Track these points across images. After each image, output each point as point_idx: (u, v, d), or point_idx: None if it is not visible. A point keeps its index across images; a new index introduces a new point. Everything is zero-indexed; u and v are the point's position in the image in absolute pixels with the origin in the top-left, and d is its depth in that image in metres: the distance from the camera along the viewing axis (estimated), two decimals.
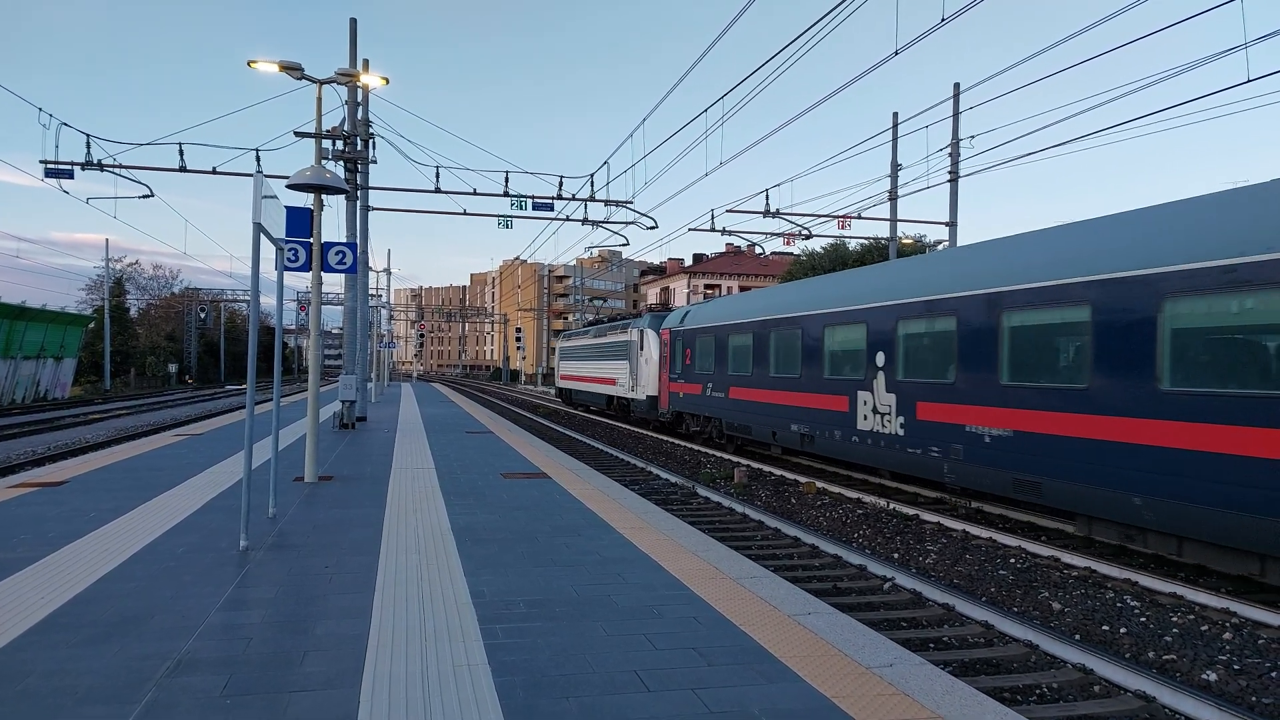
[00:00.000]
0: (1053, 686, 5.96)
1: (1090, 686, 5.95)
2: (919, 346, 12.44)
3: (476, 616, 5.10)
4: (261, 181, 6.40)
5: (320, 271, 9.81)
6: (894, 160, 26.83)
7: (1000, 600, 8.29)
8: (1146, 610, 7.66)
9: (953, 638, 7.07)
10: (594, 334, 35.43)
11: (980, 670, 6.32)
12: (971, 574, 9.14)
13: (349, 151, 16.47)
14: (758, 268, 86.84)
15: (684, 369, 22.97)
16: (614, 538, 7.53)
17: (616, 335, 31.06)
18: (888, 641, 4.81)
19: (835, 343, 14.88)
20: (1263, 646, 6.67)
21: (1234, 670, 6.25)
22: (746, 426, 18.79)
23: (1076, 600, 8.03)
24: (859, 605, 7.89)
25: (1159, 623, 7.31)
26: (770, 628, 4.96)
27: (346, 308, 18.44)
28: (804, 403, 15.80)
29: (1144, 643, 6.93)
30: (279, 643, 4.61)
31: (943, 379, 11.81)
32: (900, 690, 4.00)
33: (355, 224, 17.46)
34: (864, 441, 13.72)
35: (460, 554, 6.78)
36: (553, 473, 11.98)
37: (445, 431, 18.91)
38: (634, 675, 4.16)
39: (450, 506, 9.00)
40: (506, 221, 22.37)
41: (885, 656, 4.51)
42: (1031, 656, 6.54)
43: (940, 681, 4.13)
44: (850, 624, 5.12)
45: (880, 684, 4.09)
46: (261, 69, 12.24)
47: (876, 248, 38.41)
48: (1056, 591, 8.34)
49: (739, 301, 20.95)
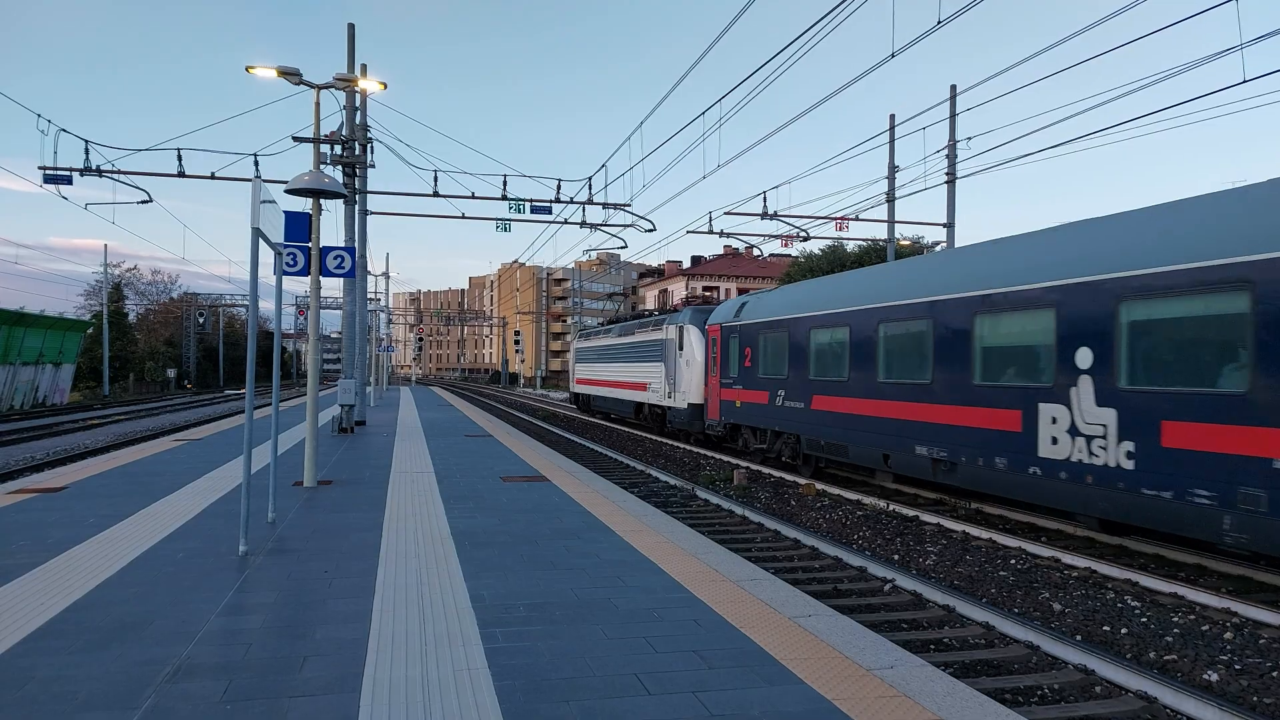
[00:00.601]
0: (1054, 687, 5.96)
1: (1092, 687, 5.94)
2: (1170, 339, 8.76)
3: (476, 620, 5.09)
4: (260, 187, 6.40)
5: (319, 276, 9.81)
6: (891, 162, 26.88)
7: (1001, 601, 8.29)
8: (1147, 610, 7.66)
9: (954, 639, 7.07)
10: (619, 332, 30.63)
11: (981, 671, 6.32)
12: (972, 575, 9.14)
13: (347, 156, 16.49)
14: (756, 270, 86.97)
15: (742, 372, 19.06)
16: (613, 540, 7.52)
17: (649, 333, 26.63)
18: (888, 643, 4.80)
19: (996, 335, 11.33)
20: (1264, 646, 6.66)
21: (1235, 670, 6.24)
22: (839, 446, 14.91)
23: (1077, 601, 8.02)
24: (859, 607, 7.88)
25: (1160, 623, 7.31)
26: (771, 630, 4.96)
27: (345, 312, 18.44)
28: (938, 417, 12.25)
29: (1145, 643, 6.92)
30: (279, 648, 4.60)
31: (1222, 387, 8.07)
32: (901, 692, 4.00)
33: (354, 228, 17.47)
34: (1052, 475, 9.94)
35: (460, 558, 6.77)
36: (552, 476, 11.97)
37: (444, 435, 18.90)
38: (635, 678, 4.16)
39: (450, 510, 9.00)
40: (505, 225, 22.39)
41: (886, 658, 4.50)
42: (1033, 657, 6.54)
43: (941, 683, 4.13)
44: (851, 626, 5.12)
45: (881, 686, 4.08)
46: (260, 74, 12.26)
47: (874, 249, 38.46)
48: (1057, 592, 8.34)
49: (823, 287, 16.75)
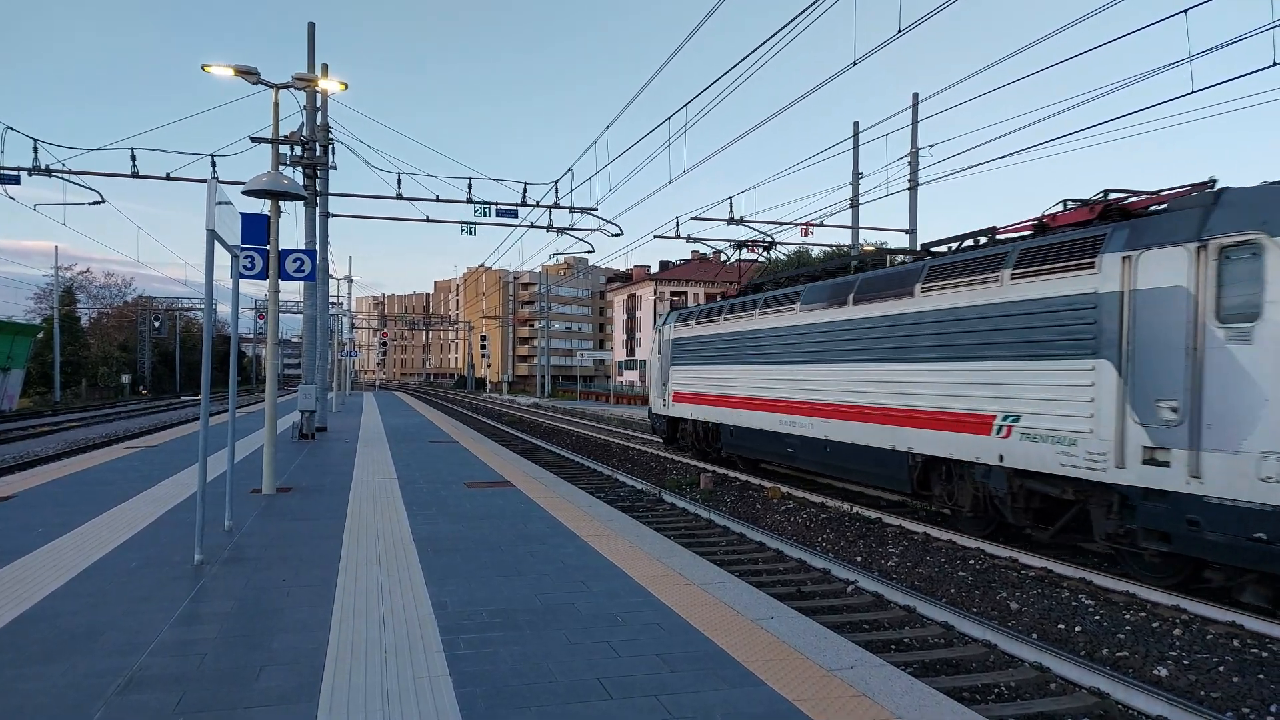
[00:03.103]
0: (1010, 685, 6.06)
1: (1047, 684, 6.05)
2: None
3: (438, 627, 5.05)
4: (215, 188, 6.29)
5: (278, 279, 9.67)
6: (855, 168, 27.19)
7: (960, 601, 8.41)
8: (1100, 608, 7.82)
9: (914, 639, 7.16)
10: (859, 290, 13.07)
11: (940, 670, 6.40)
12: (932, 576, 9.26)
13: (308, 157, 16.27)
14: (724, 274, 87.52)
15: None
16: (578, 545, 7.50)
17: (1046, 279, 9.41)
18: (849, 644, 4.86)
19: None
20: (1211, 642, 6.85)
21: (1184, 665, 6.40)
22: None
23: (1033, 600, 8.17)
24: (822, 609, 7.95)
25: (1112, 620, 7.47)
26: (733, 632, 4.98)
27: (305, 316, 18.18)
28: None
29: (1098, 640, 7.07)
30: (234, 658, 4.52)
31: None
32: (860, 692, 4.04)
33: (315, 231, 17.24)
34: None
35: (422, 564, 6.71)
36: (517, 481, 11.91)
37: (408, 441, 18.72)
38: (597, 682, 4.15)
39: (412, 516, 8.91)
40: (470, 229, 22.25)
41: (846, 659, 4.55)
42: (990, 656, 6.65)
43: (900, 682, 4.18)
44: (812, 627, 5.16)
45: (841, 686, 4.12)
46: (216, 73, 12.05)
47: (839, 254, 38.89)
48: (1014, 591, 8.48)
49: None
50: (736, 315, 17.10)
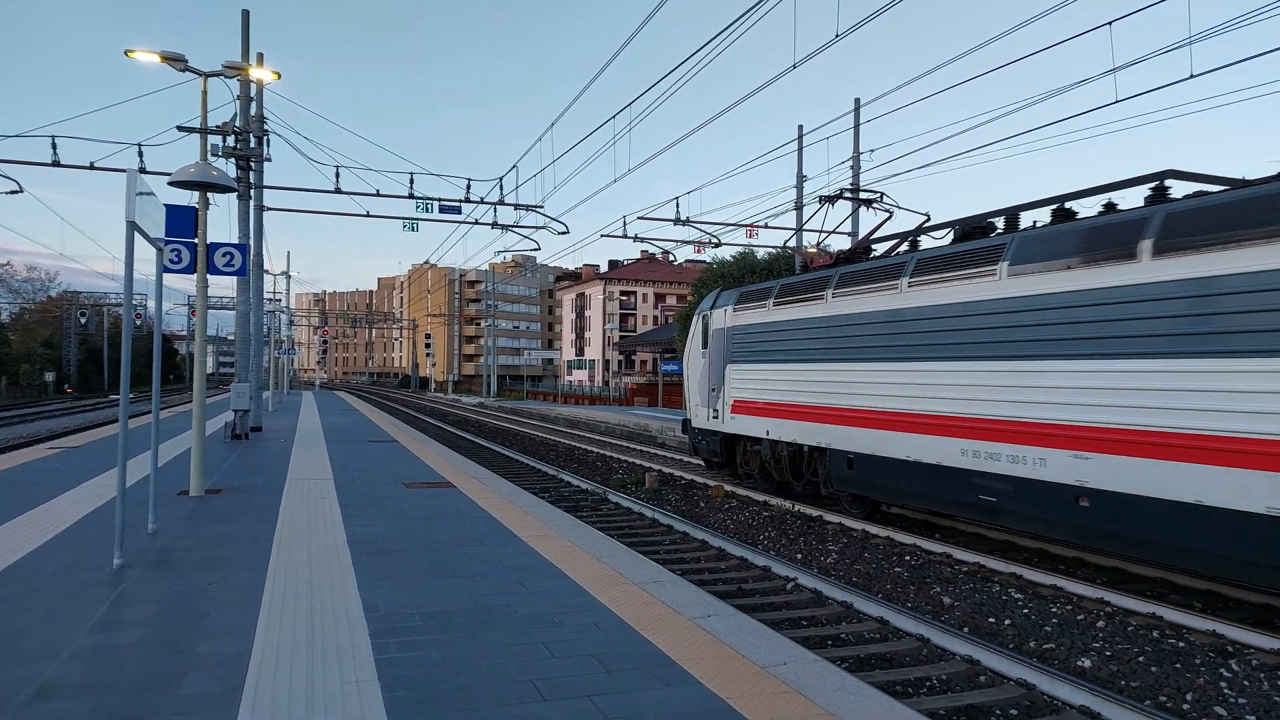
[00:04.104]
0: (942, 678, 6.18)
1: (977, 677, 6.19)
2: None
3: (369, 631, 4.93)
4: (135, 177, 6.05)
5: (206, 274, 9.35)
6: (799, 171, 27.51)
7: (896, 596, 8.56)
8: (1029, 602, 8.04)
9: (850, 634, 7.26)
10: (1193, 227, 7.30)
11: (875, 665, 6.50)
12: (869, 572, 9.41)
13: (241, 149, 15.80)
14: (672, 274, 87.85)
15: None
16: (518, 546, 7.43)
17: None
18: (785, 641, 4.89)
19: None
20: (1132, 633, 7.09)
21: (1106, 656, 6.61)
22: None
23: (966, 594, 8.36)
24: (762, 606, 8.01)
25: (1040, 613, 7.68)
26: (671, 632, 4.98)
27: (239, 312, 17.67)
28: None
29: (1026, 633, 7.26)
30: (154, 664, 4.35)
31: None
32: (794, 688, 4.07)
33: (248, 224, 16.76)
34: None
35: (355, 567, 6.56)
36: (459, 482, 11.75)
37: (347, 441, 18.34)
38: (530, 685, 4.10)
39: (348, 518, 8.72)
40: (412, 224, 21.89)
41: (781, 655, 4.58)
42: (923, 650, 6.77)
43: (832, 678, 4.22)
44: (750, 625, 5.19)
45: (775, 683, 4.14)
46: (141, 59, 11.60)
47: (783, 257, 39.31)
48: (948, 586, 8.67)
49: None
50: (859, 290, 11.34)
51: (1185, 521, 7.14)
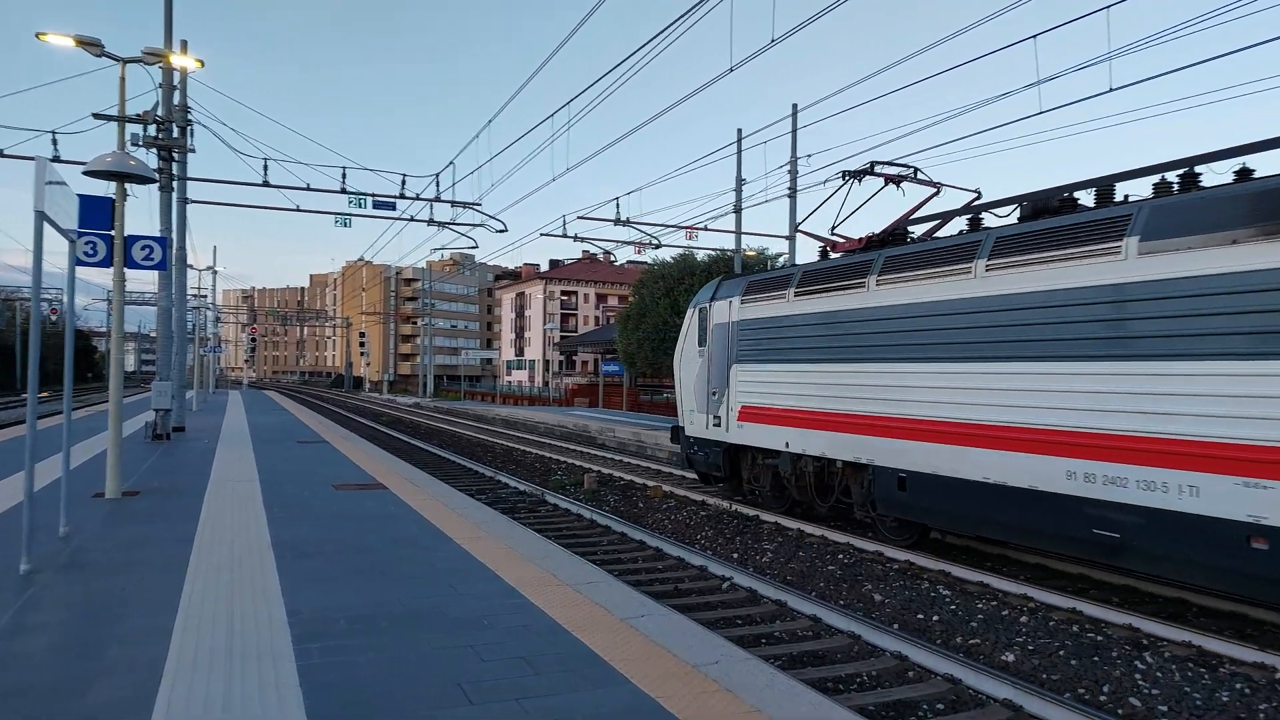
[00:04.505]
0: (872, 674, 6.27)
1: (906, 673, 6.30)
2: None
3: (291, 635, 4.77)
4: (45, 166, 5.74)
5: (123, 267, 8.95)
6: (739, 174, 27.76)
7: (829, 594, 8.67)
8: (957, 598, 8.23)
9: (783, 632, 7.32)
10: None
11: (807, 662, 6.57)
12: (804, 570, 9.52)
13: (163, 138, 15.19)
14: (614, 275, 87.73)
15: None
16: (451, 548, 7.29)
17: None
18: (717, 639, 4.89)
19: None
20: (1053, 628, 7.31)
21: (1029, 650, 6.80)
22: None
23: (896, 591, 8.52)
24: (697, 605, 8.03)
25: (967, 609, 7.87)
26: (603, 632, 4.93)
27: (160, 308, 17.00)
28: None
29: (953, 629, 7.43)
30: (63, 670, 4.14)
31: None
32: (724, 686, 4.07)
33: (171, 217, 16.13)
34: None
35: (279, 570, 6.35)
36: (391, 483, 11.51)
37: (274, 441, 17.82)
38: (458, 689, 4.01)
39: (273, 520, 8.44)
40: (344, 220, 21.38)
41: (714, 654, 4.57)
42: (855, 647, 6.86)
43: (762, 676, 4.24)
44: (684, 624, 5.18)
45: (705, 682, 4.14)
46: (55, 43, 11.05)
47: (723, 259, 39.70)
48: (879, 584, 8.82)
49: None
50: (915, 275, 9.59)
51: None
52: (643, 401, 46.80)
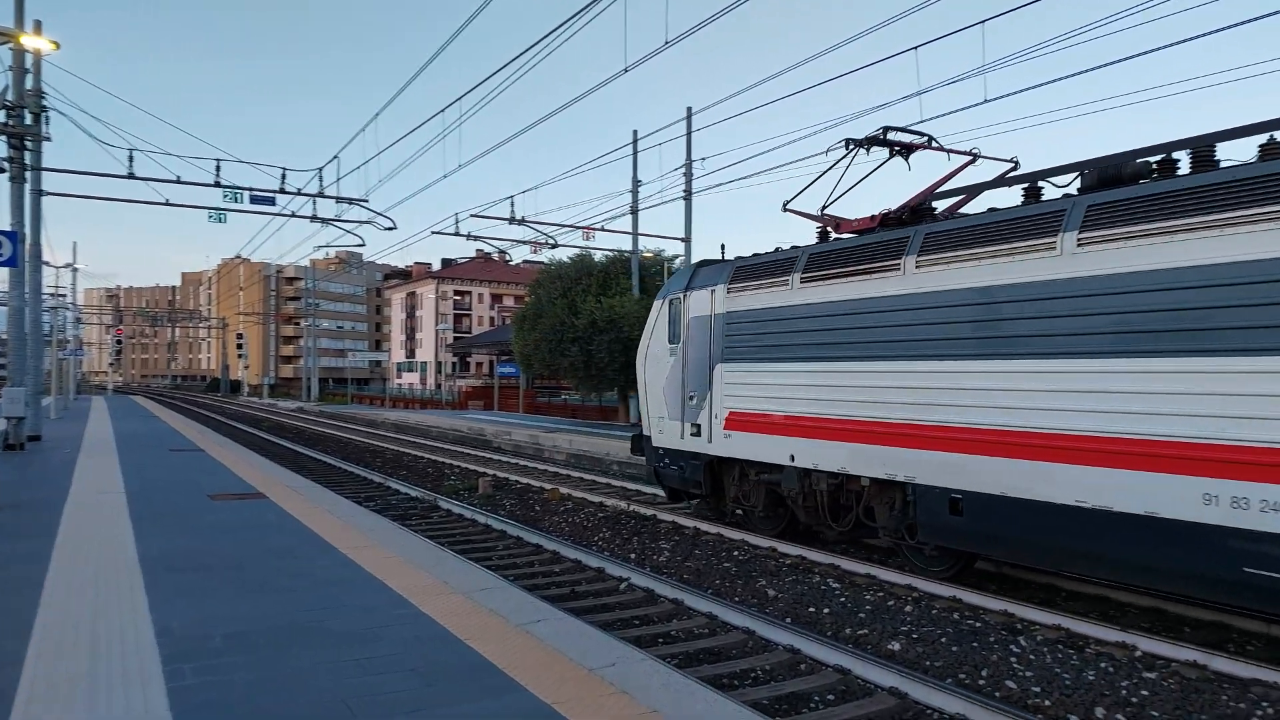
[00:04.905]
0: (765, 669, 6.38)
1: (798, 665, 6.44)
2: None
3: (160, 656, 4.45)
4: None
5: None
6: (635, 176, 27.99)
7: (724, 591, 8.78)
8: (846, 591, 8.48)
9: (681, 631, 7.36)
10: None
11: (703, 660, 6.62)
12: (700, 569, 9.62)
13: (14, 125, 13.97)
14: (509, 275, 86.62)
15: None
16: (335, 558, 6.99)
17: None
18: (614, 642, 4.87)
19: None
20: (935, 616, 7.63)
21: (913, 639, 7.08)
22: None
23: (788, 586, 8.71)
24: (595, 608, 7.98)
25: (855, 601, 8.12)
26: (497, 640, 4.82)
27: (11, 308, 15.67)
28: None
29: (843, 620, 7.65)
30: None
31: None
32: (620, 689, 4.04)
33: (23, 210, 14.86)
34: None
35: (148, 586, 5.93)
36: (271, 492, 10.97)
37: (143, 450, 16.72)
38: (344, 705, 3.83)
39: (140, 533, 7.89)
40: (219, 216, 20.26)
41: (609, 657, 4.54)
42: (749, 642, 6.97)
43: (658, 676, 4.23)
44: (579, 628, 5.12)
45: (602, 685, 4.10)
46: None
47: (620, 259, 39.80)
48: (772, 579, 9.00)
49: None
50: (972, 253, 7.86)
51: None
52: (540, 403, 46.49)
